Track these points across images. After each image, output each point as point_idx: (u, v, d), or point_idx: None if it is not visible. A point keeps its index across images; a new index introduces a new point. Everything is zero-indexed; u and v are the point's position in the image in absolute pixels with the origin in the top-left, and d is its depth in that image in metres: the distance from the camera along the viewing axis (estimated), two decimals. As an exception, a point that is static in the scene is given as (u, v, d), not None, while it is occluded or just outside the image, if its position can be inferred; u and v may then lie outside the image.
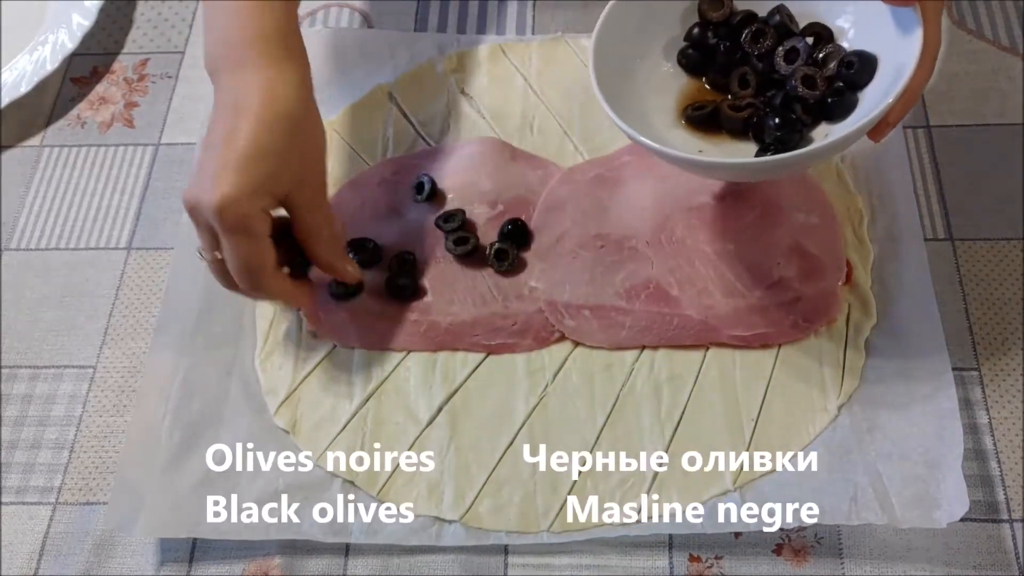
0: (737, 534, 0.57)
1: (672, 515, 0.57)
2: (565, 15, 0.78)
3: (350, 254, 0.66)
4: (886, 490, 0.56)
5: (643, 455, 0.59)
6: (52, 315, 0.67)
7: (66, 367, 0.65)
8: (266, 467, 0.59)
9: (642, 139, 0.54)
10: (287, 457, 0.60)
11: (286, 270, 0.60)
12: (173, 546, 0.58)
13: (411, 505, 0.58)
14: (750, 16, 0.58)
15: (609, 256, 0.65)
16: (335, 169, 0.71)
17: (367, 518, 0.58)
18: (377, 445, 0.60)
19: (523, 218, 0.67)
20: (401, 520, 0.57)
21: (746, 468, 0.58)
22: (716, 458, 0.58)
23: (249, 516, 0.57)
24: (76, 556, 0.59)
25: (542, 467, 0.59)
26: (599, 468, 0.58)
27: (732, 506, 0.56)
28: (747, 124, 0.57)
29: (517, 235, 0.66)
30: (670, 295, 0.63)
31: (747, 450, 0.58)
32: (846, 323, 0.62)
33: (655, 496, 0.57)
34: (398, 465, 0.59)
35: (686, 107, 0.60)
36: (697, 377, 0.61)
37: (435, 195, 0.68)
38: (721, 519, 0.56)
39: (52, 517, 0.60)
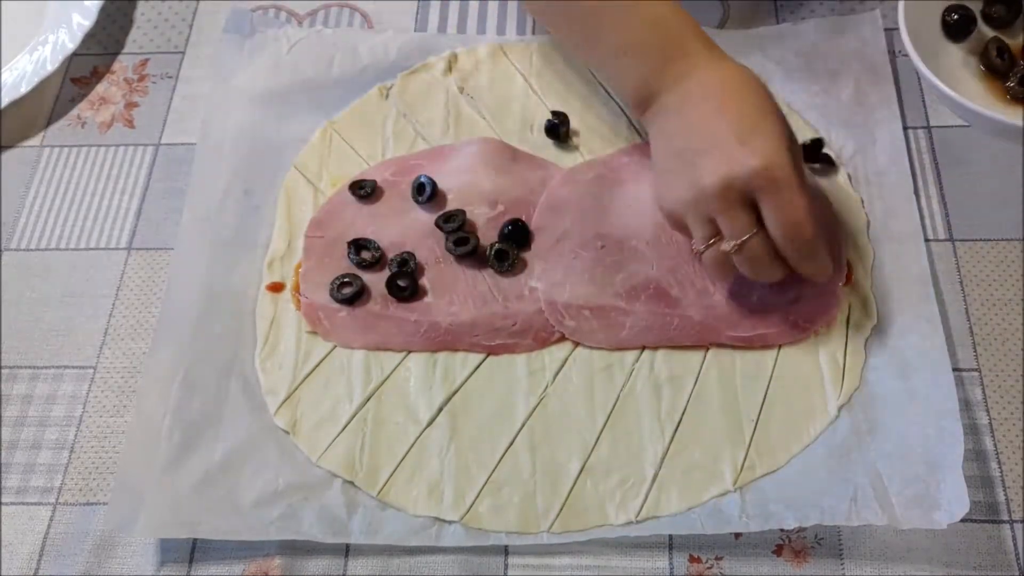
0: (737, 534, 0.57)
1: (672, 515, 0.57)
2: (566, 15, 0.78)
3: (350, 254, 0.66)
4: (886, 490, 0.56)
5: (643, 455, 0.59)
6: (52, 315, 0.67)
7: (66, 367, 0.65)
8: (266, 467, 0.59)
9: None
10: (287, 457, 0.60)
11: None
12: (173, 546, 0.58)
13: (411, 505, 0.58)
14: None
15: (609, 256, 0.65)
16: (335, 169, 0.71)
17: (367, 518, 0.58)
18: (377, 445, 0.60)
19: (523, 218, 0.67)
20: (401, 520, 0.57)
21: (746, 468, 0.58)
22: (716, 458, 0.58)
23: (249, 516, 0.57)
24: (76, 556, 0.59)
25: (542, 467, 0.59)
26: (599, 468, 0.58)
27: (732, 506, 0.56)
28: None
29: (517, 235, 0.66)
30: (670, 295, 0.63)
31: (747, 450, 0.58)
32: (846, 323, 0.62)
33: (655, 496, 0.57)
34: (398, 465, 0.59)
35: None
36: (697, 377, 0.61)
37: (435, 195, 0.68)
38: (721, 519, 0.56)
39: (52, 517, 0.60)
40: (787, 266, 0.58)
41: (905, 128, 0.70)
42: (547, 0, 0.68)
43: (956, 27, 0.69)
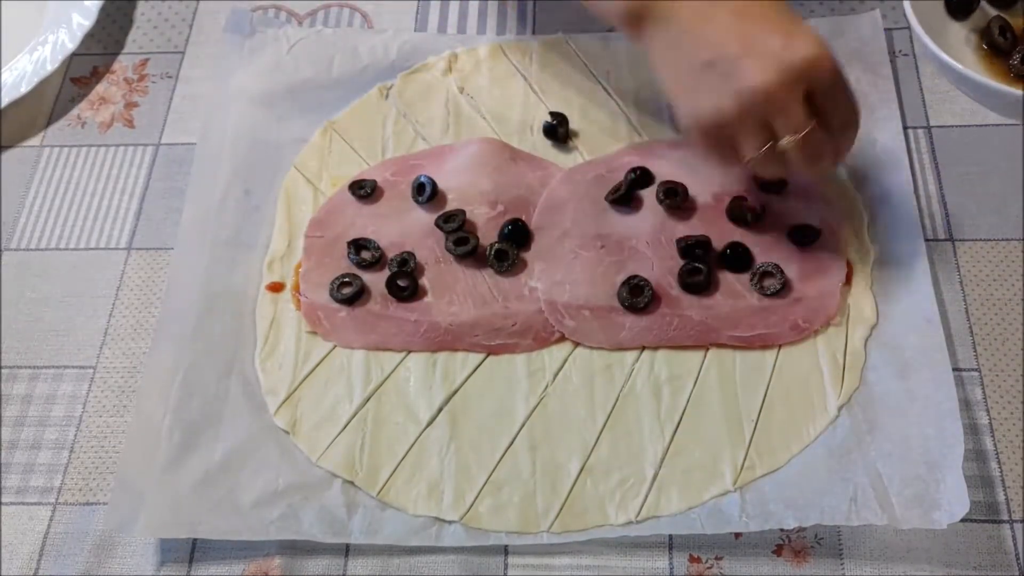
0: (737, 534, 0.57)
1: (672, 515, 0.57)
2: (565, 15, 0.78)
3: (350, 254, 0.66)
4: (886, 490, 0.56)
5: (643, 455, 0.59)
6: (52, 315, 0.67)
7: (66, 367, 0.65)
8: (266, 467, 0.59)
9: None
10: (287, 457, 0.60)
11: None
12: (173, 546, 0.58)
13: (411, 505, 0.58)
14: None
15: (609, 256, 0.65)
16: (335, 169, 0.71)
17: (367, 518, 0.58)
18: (377, 445, 0.60)
19: (523, 218, 0.67)
20: (401, 520, 0.57)
21: (746, 468, 0.58)
22: (716, 458, 0.58)
23: (249, 516, 0.57)
24: (76, 556, 0.59)
25: (542, 467, 0.59)
26: (599, 468, 0.58)
27: (732, 506, 0.56)
28: None
29: (517, 235, 0.66)
30: (670, 295, 0.63)
31: (747, 450, 0.58)
32: (846, 323, 0.62)
33: (655, 496, 0.57)
34: (398, 465, 0.59)
35: None
36: (697, 378, 0.61)
37: (435, 195, 0.68)
38: (721, 519, 0.56)
39: (52, 517, 0.60)
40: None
41: (905, 128, 0.70)
42: None
43: (959, 6, 0.68)
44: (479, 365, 0.63)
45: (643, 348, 0.62)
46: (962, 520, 0.54)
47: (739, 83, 0.54)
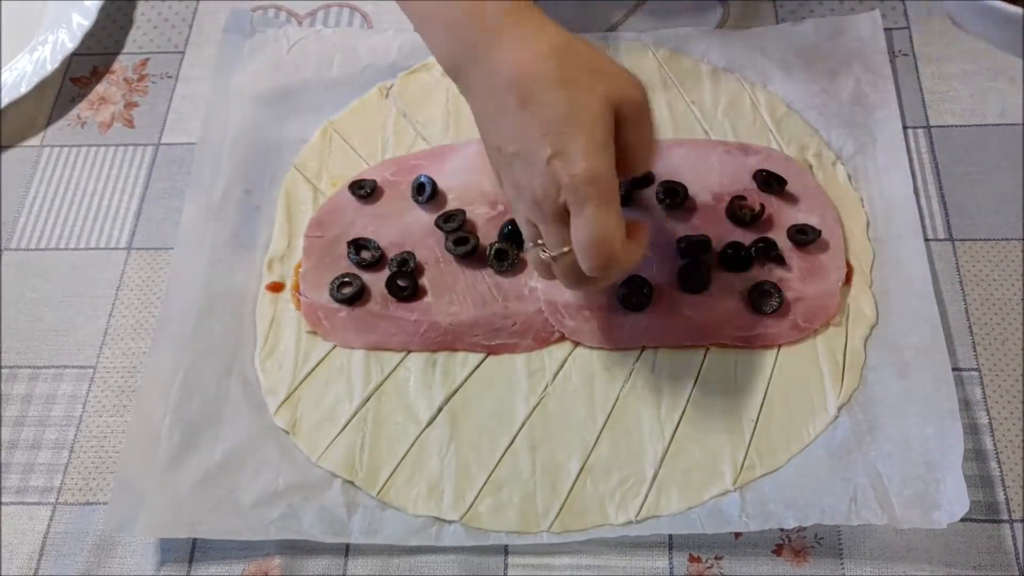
0: (737, 534, 0.57)
1: (672, 515, 0.57)
2: (565, 15, 0.78)
3: (350, 254, 0.66)
4: (886, 490, 0.56)
5: (643, 455, 0.59)
6: (52, 315, 0.67)
7: (66, 367, 0.65)
8: (266, 467, 0.59)
9: None
10: (287, 457, 0.60)
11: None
12: (173, 546, 0.58)
13: (411, 505, 0.58)
14: None
15: (609, 256, 0.65)
16: (335, 169, 0.71)
17: (367, 518, 0.58)
18: (377, 445, 0.60)
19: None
20: (401, 520, 0.57)
21: (746, 468, 0.58)
22: (716, 458, 0.58)
23: (249, 516, 0.57)
24: (76, 556, 0.59)
25: (542, 467, 0.59)
26: (599, 468, 0.58)
27: (732, 506, 0.56)
28: None
29: (517, 235, 0.66)
30: (670, 295, 0.63)
31: (747, 450, 0.58)
32: (846, 323, 0.62)
33: (655, 496, 0.57)
34: (398, 465, 0.59)
35: None
36: (697, 377, 0.61)
37: (435, 195, 0.68)
38: (721, 519, 0.56)
39: (52, 517, 0.60)
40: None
41: (905, 128, 0.70)
42: None
43: None
44: (479, 365, 0.63)
45: (643, 348, 0.62)
46: (962, 520, 0.54)
47: (512, 179, 0.51)
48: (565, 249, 0.51)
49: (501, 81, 0.50)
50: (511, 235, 0.66)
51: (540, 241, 0.53)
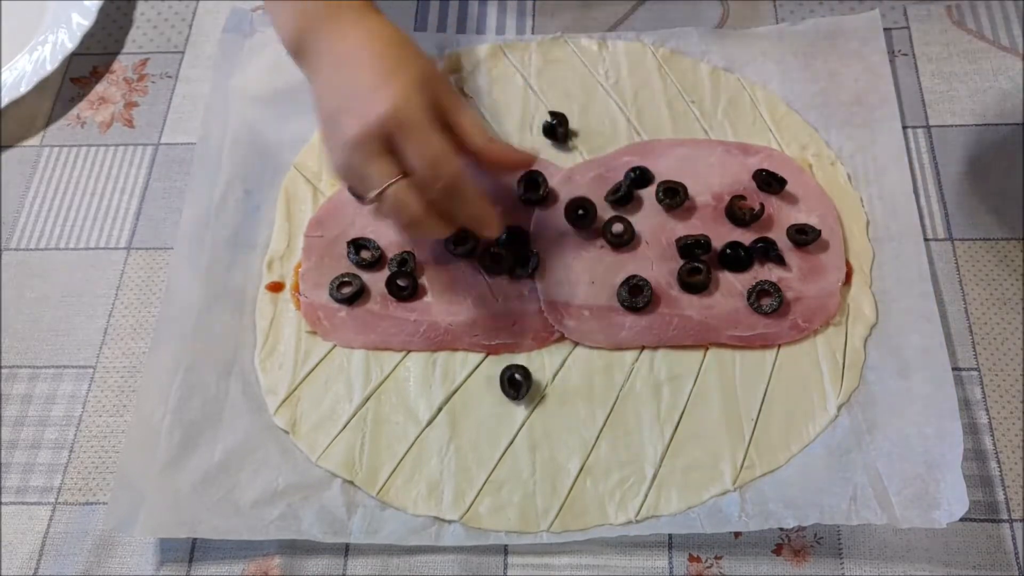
0: (737, 534, 0.57)
1: (672, 515, 0.57)
2: (565, 15, 0.78)
3: (350, 254, 0.66)
4: (886, 490, 0.56)
5: (643, 455, 0.59)
6: (52, 315, 0.67)
7: (66, 367, 0.65)
8: (266, 467, 0.59)
9: None
10: (287, 457, 0.60)
11: None
12: (173, 546, 0.58)
13: (411, 505, 0.58)
14: None
15: (609, 256, 0.65)
16: (335, 169, 0.71)
17: (367, 518, 0.58)
18: (377, 445, 0.60)
19: (523, 219, 0.67)
20: (401, 520, 0.57)
21: (746, 468, 0.58)
22: (716, 457, 0.58)
23: (249, 516, 0.57)
24: (76, 556, 0.59)
25: (542, 467, 0.59)
26: (599, 468, 0.58)
27: (732, 506, 0.57)
28: None
29: (515, 238, 0.66)
30: (670, 295, 0.63)
31: (746, 450, 0.58)
32: (845, 323, 0.62)
33: (655, 495, 0.57)
34: (398, 465, 0.59)
35: None
36: (697, 377, 0.61)
37: (435, 195, 0.68)
38: (721, 519, 0.56)
39: (52, 517, 0.60)
40: (447, 220, 0.58)
41: (904, 128, 0.70)
42: None
43: None
44: (479, 365, 0.63)
45: (643, 348, 0.62)
46: (961, 519, 0.54)
47: (340, 137, 0.56)
48: (387, 183, 0.56)
49: (341, 49, 0.59)
50: (509, 240, 0.65)
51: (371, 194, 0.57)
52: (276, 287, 0.66)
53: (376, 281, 0.65)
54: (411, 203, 0.56)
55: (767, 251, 0.64)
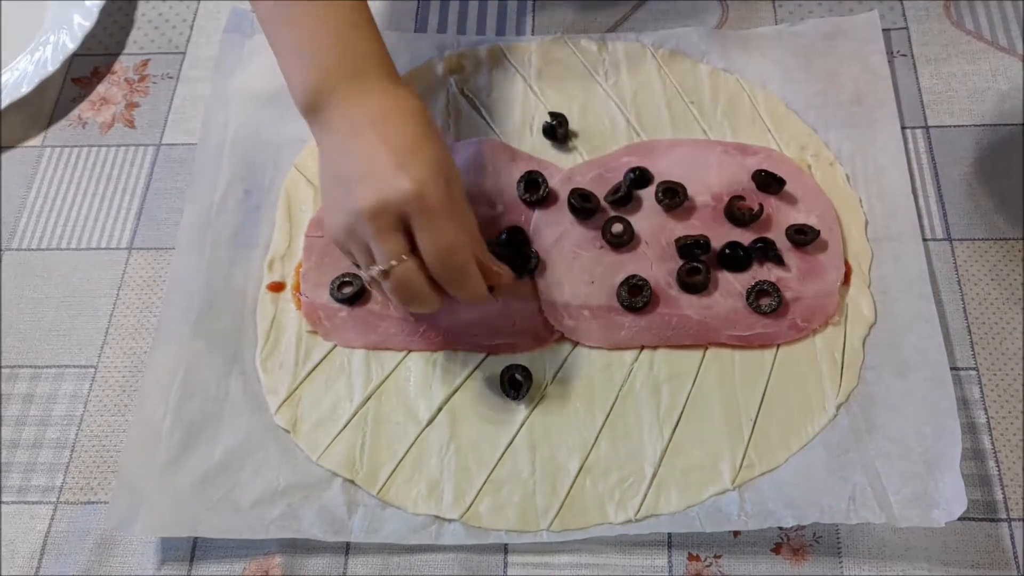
0: (736, 533, 0.57)
1: (671, 514, 0.57)
2: (565, 15, 0.79)
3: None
4: (884, 489, 0.56)
5: (642, 454, 0.59)
6: (53, 315, 0.68)
7: (67, 367, 0.66)
8: (266, 466, 0.59)
9: None
10: (287, 456, 0.60)
11: None
12: (174, 545, 0.59)
13: (411, 504, 0.58)
14: None
15: (609, 256, 0.65)
16: (335, 169, 0.71)
17: (367, 517, 0.58)
18: (377, 444, 0.60)
19: (523, 219, 0.67)
20: (401, 519, 0.58)
21: (745, 467, 0.58)
22: (715, 457, 0.58)
23: (249, 515, 0.57)
24: (77, 555, 0.59)
25: (542, 466, 0.59)
26: (598, 467, 0.59)
27: (731, 505, 0.57)
28: None
29: (514, 240, 0.66)
30: (669, 295, 0.64)
31: (746, 449, 0.58)
32: (844, 322, 0.62)
33: (654, 495, 0.57)
34: (398, 464, 0.59)
35: None
36: (696, 377, 0.61)
37: (435, 195, 0.68)
38: (720, 518, 0.56)
39: (53, 516, 0.60)
40: (442, 296, 0.57)
41: (903, 128, 0.70)
42: None
43: None
44: (479, 365, 0.63)
45: (642, 348, 0.63)
46: (960, 518, 0.54)
47: (350, 203, 0.55)
48: (394, 262, 0.54)
49: (361, 115, 0.57)
50: (509, 240, 0.65)
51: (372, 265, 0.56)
52: (277, 287, 0.66)
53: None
54: (416, 283, 0.56)
55: (766, 251, 0.64)
